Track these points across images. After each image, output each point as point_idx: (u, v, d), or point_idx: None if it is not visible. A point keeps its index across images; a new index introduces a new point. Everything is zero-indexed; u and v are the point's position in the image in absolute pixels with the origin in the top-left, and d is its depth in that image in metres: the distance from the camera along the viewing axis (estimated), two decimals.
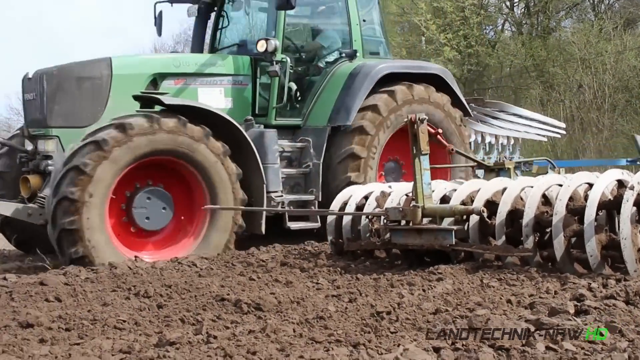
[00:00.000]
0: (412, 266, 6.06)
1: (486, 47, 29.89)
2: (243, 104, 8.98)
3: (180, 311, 4.73)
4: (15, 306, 5.05)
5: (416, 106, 9.24)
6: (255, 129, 8.50)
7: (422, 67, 10.28)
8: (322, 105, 9.18)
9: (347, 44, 9.57)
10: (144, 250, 7.60)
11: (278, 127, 8.91)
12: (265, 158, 8.30)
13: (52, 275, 6.22)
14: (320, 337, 3.84)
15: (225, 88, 8.89)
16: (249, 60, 9.04)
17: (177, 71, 8.57)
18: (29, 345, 3.97)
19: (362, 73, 9.15)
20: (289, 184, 8.84)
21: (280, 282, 5.71)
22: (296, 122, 9.23)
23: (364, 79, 9.09)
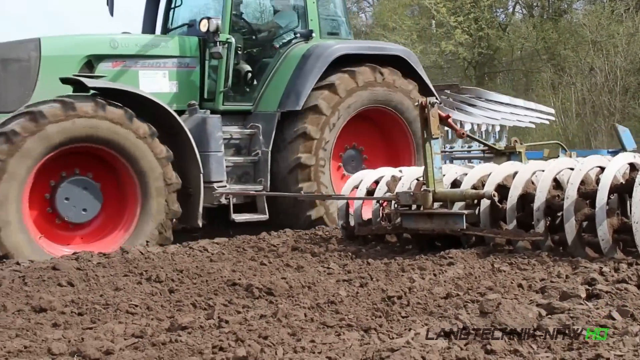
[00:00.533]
0: (423, 251, 6.06)
1: (497, 30, 29.75)
2: (190, 88, 8.49)
3: (192, 296, 4.75)
4: (29, 291, 5.08)
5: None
6: (199, 115, 8.05)
7: (383, 48, 9.78)
8: (273, 89, 8.71)
9: (303, 24, 9.10)
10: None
11: (228, 113, 8.52)
12: (207, 145, 7.89)
13: (64, 260, 6.25)
14: (331, 321, 3.85)
15: (170, 71, 8.36)
16: (196, 42, 8.49)
17: (115, 53, 8.01)
18: (42, 329, 4.01)
19: (315, 55, 8.65)
20: (237, 173, 8.42)
21: (291, 267, 5.72)
22: (246, 107, 8.77)
23: (316, 61, 8.60)
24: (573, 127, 23.93)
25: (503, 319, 3.50)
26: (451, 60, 31.80)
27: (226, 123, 8.37)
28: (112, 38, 8.12)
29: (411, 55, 9.57)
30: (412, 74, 9.40)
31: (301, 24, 9.12)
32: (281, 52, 8.93)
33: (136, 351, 3.48)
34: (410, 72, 9.39)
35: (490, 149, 8.00)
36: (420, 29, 32.45)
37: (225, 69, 8.40)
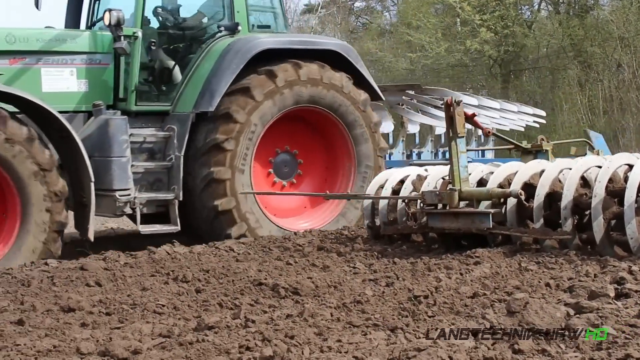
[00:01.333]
0: (449, 250, 6.04)
1: (522, 28, 29.57)
2: (103, 87, 7.71)
3: (219, 295, 4.77)
4: (57, 291, 5.13)
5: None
6: (103, 116, 7.31)
7: (315, 42, 8.81)
8: (191, 88, 7.91)
9: (229, 16, 8.32)
10: None
11: (143, 114, 7.83)
12: (109, 150, 7.19)
13: (92, 260, 6.30)
14: (357, 321, 3.85)
15: (78, 68, 7.59)
16: (110, 37, 7.63)
17: (12, 48, 7.26)
18: (70, 329, 4.04)
19: (233, 50, 7.86)
20: (148, 180, 7.63)
21: (317, 267, 5.73)
22: (164, 108, 7.98)
23: (233, 58, 7.81)
24: (600, 125, 23.69)
25: (531, 318, 3.48)
26: (476, 59, 31.65)
27: (142, 125, 7.75)
28: (9, 32, 7.36)
29: (350, 51, 8.71)
30: (353, 71, 8.60)
31: (228, 16, 8.34)
32: (203, 47, 8.15)
33: (163, 351, 3.50)
34: (351, 69, 8.59)
35: (517, 148, 7.92)
36: (445, 27, 32.35)
37: (136, 66, 7.69)
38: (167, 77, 8.17)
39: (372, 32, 41.64)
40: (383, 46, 39.36)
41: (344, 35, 45.01)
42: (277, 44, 8.16)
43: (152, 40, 8.00)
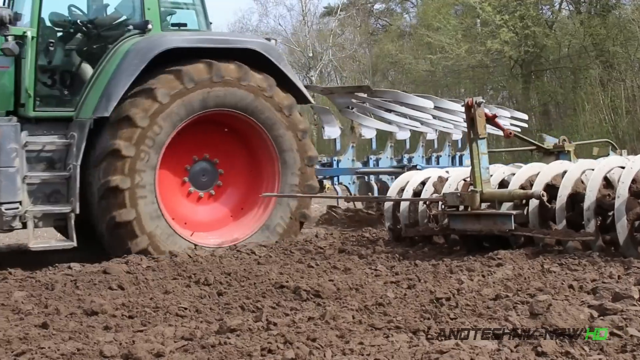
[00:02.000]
0: (471, 252, 6.01)
1: (543, 28, 29.43)
2: (1, 91, 7.16)
3: (240, 298, 4.78)
4: (80, 294, 5.17)
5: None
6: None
7: (230, 40, 8.05)
8: (94, 92, 7.24)
9: (140, 14, 7.70)
10: None
11: (44, 120, 7.23)
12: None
13: (114, 264, 6.34)
14: (379, 323, 3.84)
15: None
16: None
17: None
18: (94, 332, 4.07)
19: (136, 50, 7.22)
20: (45, 191, 6.99)
21: (338, 269, 5.72)
22: (66, 114, 7.31)
23: (134, 58, 7.17)
24: (623, 125, 23.51)
25: (554, 320, 3.45)
26: (497, 59, 31.51)
27: (43, 132, 7.15)
28: None
29: (271, 50, 7.92)
30: (276, 71, 7.87)
31: (139, 14, 7.71)
32: (110, 48, 7.47)
33: (186, 353, 3.51)
34: (273, 70, 7.86)
35: (539, 149, 7.88)
36: (465, 28, 32.24)
37: (30, 68, 7.09)
38: (71, 81, 7.61)
39: (392, 34, 41.60)
40: (403, 48, 39.30)
41: (364, 38, 45.04)
42: (185, 42, 7.50)
43: (50, 41, 7.37)
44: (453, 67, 32.93)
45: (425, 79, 37.08)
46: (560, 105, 30.88)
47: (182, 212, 7.70)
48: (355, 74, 45.56)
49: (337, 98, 11.09)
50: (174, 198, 7.66)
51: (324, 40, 47.31)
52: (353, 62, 45.89)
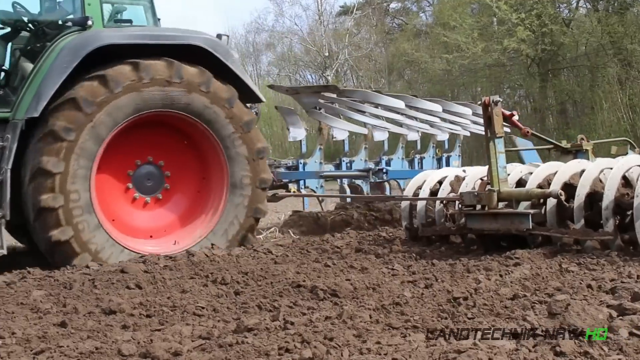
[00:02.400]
0: (488, 251, 5.99)
1: (560, 26, 29.27)
2: None
3: (257, 298, 4.79)
4: (98, 293, 5.20)
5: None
6: None
7: (169, 36, 7.37)
8: (29, 92, 6.83)
9: (80, 10, 7.30)
10: None
11: None
12: None
13: (132, 263, 6.37)
14: (396, 323, 3.84)
15: None
16: None
17: None
18: (112, 331, 4.09)
19: (69, 48, 6.81)
20: None
21: (355, 269, 5.72)
22: (3, 115, 6.81)
23: (66, 56, 6.76)
24: None
25: (572, 320, 3.43)
26: (514, 58, 31.39)
27: None
28: None
29: (217, 46, 7.43)
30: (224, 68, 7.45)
31: (80, 9, 7.31)
32: (48, 45, 7.06)
33: (203, 352, 3.52)
34: (221, 67, 7.43)
35: (556, 147, 7.82)
36: (482, 26, 32.14)
37: None
38: (12, 80, 7.26)
39: (408, 33, 41.54)
40: (419, 47, 39.22)
41: (380, 37, 44.98)
42: (120, 39, 7.04)
43: None
44: (469, 66, 32.83)
45: (441, 78, 36.99)
46: (577, 104, 30.71)
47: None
48: (371, 73, 45.53)
49: (304, 98, 10.51)
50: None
51: (339, 40, 47.31)
52: (369, 62, 45.86)
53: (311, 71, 51.26)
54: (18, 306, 4.88)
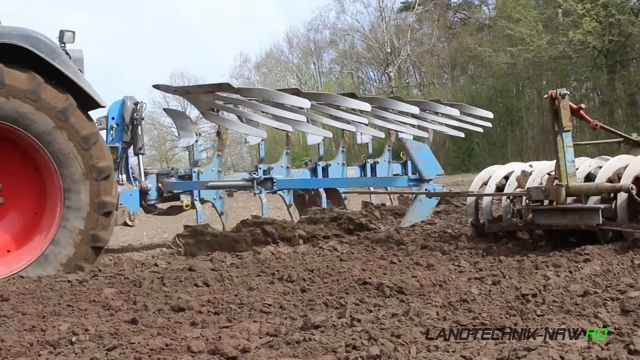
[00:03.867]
0: (556, 247, 5.89)
1: (629, 15, 28.55)
2: None
3: (324, 295, 4.80)
4: (167, 291, 5.29)
5: None
6: None
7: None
8: None
9: None
10: None
11: None
12: None
13: (199, 261, 6.46)
14: (464, 320, 3.80)
15: None
16: None
17: None
18: (181, 328, 4.15)
19: None
20: None
21: (421, 265, 5.69)
22: None
23: None
24: None
25: None
26: (580, 50, 30.77)
27: None
28: None
29: (40, 43, 6.46)
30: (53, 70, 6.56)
31: None
32: None
33: (271, 349, 3.55)
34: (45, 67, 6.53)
35: (626, 140, 7.62)
36: (546, 18, 31.60)
37: None
38: None
39: (471, 27, 41.13)
40: (482, 41, 38.80)
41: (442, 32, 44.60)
42: None
43: None
44: (534, 59, 32.32)
45: (505, 72, 36.52)
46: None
47: None
48: (434, 68, 45.23)
49: (197, 99, 9.45)
50: None
51: (402, 36, 47.14)
52: (431, 57, 45.58)
53: (373, 68, 51.23)
54: (90, 303, 5.00)
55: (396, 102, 10.30)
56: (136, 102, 8.99)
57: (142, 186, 9.08)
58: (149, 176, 9.23)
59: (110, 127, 8.94)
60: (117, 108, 8.98)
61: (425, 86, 46.28)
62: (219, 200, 9.76)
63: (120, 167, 8.89)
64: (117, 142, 8.87)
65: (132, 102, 8.99)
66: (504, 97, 37.46)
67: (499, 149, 35.91)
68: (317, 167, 10.98)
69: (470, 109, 12.41)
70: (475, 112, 12.19)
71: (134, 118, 8.88)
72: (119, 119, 8.92)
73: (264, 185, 8.62)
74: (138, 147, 9.01)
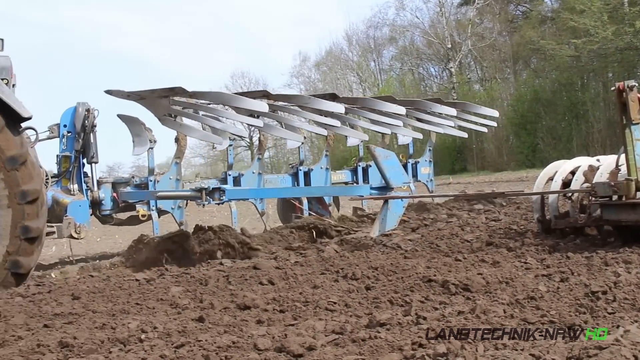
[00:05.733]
0: (627, 243, 5.75)
1: None
2: None
3: (389, 292, 4.78)
4: (233, 289, 5.34)
5: None
6: None
7: None
8: None
9: None
10: None
11: None
12: None
13: (264, 260, 6.50)
14: (532, 317, 3.74)
15: None
16: None
17: None
18: (247, 325, 4.19)
19: None
20: None
21: (486, 262, 5.63)
22: None
23: None
24: None
25: None
26: None
27: None
28: None
29: None
30: None
31: None
32: None
33: (337, 347, 3.55)
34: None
35: None
36: (612, 9, 30.86)
37: None
38: None
39: (533, 20, 40.44)
40: (545, 34, 38.14)
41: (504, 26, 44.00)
42: None
43: None
44: (599, 51, 31.63)
45: (569, 65, 35.83)
46: None
47: None
48: (496, 63, 44.66)
49: (153, 104, 9.01)
50: None
51: (462, 31, 46.66)
52: (493, 51, 44.99)
53: (434, 64, 50.83)
54: (158, 302, 5.08)
55: (381, 103, 10.12)
56: (88, 109, 8.77)
57: (93, 196, 8.85)
58: (103, 185, 8.98)
59: (63, 136, 8.76)
60: (69, 115, 8.79)
61: (486, 81, 45.74)
62: (178, 209, 9.36)
63: (72, 176, 8.71)
64: (69, 151, 8.72)
65: (84, 109, 8.77)
66: (569, 90, 36.77)
67: (564, 143, 35.26)
68: (298, 172, 10.66)
69: (475, 107, 12.20)
70: (480, 110, 11.94)
71: (86, 125, 8.70)
72: (71, 127, 8.75)
73: (212, 196, 7.93)
74: (90, 156, 8.81)
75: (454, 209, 10.12)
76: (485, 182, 27.73)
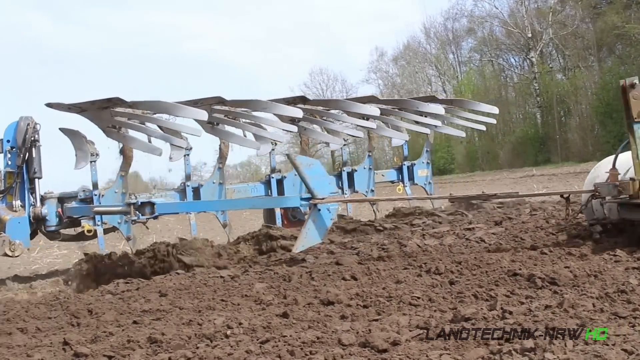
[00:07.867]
0: None
1: None
2: None
3: (473, 287, 4.73)
4: (316, 285, 5.36)
5: None
6: None
7: None
8: None
9: None
10: None
11: None
12: None
13: (346, 255, 6.51)
14: (623, 312, 3.64)
15: None
16: None
17: None
18: (331, 321, 4.20)
19: None
20: None
21: (574, 255, 5.50)
22: None
23: None
24: None
25: None
26: None
27: None
28: None
29: None
30: None
31: None
32: None
33: (422, 342, 3.52)
34: None
35: None
36: None
37: None
38: None
39: (617, 4, 39.20)
40: (630, 18, 36.96)
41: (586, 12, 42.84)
42: None
43: None
44: None
45: None
46: None
47: None
48: (579, 51, 43.55)
49: (95, 116, 8.64)
50: None
51: (543, 19, 45.67)
52: (575, 39, 43.88)
53: (514, 54, 49.94)
54: (243, 298, 5.15)
55: (351, 104, 9.75)
56: (29, 123, 8.59)
57: (35, 212, 8.66)
58: (47, 201, 8.78)
59: (6, 152, 8.59)
60: (12, 130, 8.62)
61: (569, 70, 44.67)
62: (124, 224, 9.01)
63: (15, 192, 8.56)
64: (12, 167, 8.57)
65: (26, 123, 8.59)
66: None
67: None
68: (270, 180, 10.31)
69: (473, 104, 11.68)
70: (479, 107, 11.43)
71: (26, 140, 8.53)
72: (13, 142, 8.59)
73: (141, 211, 7.49)
74: (32, 171, 8.65)
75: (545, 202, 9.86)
76: (570, 173, 27.07)
